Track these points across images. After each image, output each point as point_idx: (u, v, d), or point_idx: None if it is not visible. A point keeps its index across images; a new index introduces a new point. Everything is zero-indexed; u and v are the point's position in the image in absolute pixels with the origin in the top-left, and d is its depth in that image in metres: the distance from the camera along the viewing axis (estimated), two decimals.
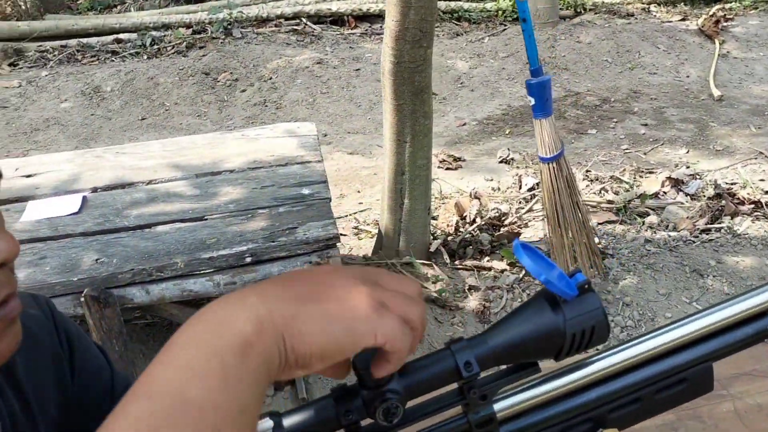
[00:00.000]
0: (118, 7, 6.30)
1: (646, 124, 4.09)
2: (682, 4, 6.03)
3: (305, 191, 1.83)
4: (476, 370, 0.53)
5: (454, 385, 0.56)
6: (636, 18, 5.78)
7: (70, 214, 1.84)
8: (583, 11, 5.91)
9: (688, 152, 3.64)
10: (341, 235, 2.88)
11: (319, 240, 1.62)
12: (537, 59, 2.03)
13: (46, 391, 0.71)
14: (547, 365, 0.61)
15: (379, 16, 5.69)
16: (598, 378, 0.60)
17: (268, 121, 4.08)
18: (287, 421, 0.51)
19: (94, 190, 1.96)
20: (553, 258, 2.19)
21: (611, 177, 3.03)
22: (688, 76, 4.77)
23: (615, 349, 0.59)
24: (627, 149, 3.75)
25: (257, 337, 0.41)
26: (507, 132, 4.08)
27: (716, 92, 4.34)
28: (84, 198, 1.91)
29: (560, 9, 5.81)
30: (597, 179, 3.15)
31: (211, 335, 0.41)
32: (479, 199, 2.59)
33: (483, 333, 0.56)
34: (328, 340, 0.43)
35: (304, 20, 5.65)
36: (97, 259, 1.60)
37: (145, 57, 5.10)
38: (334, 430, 0.53)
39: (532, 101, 2.05)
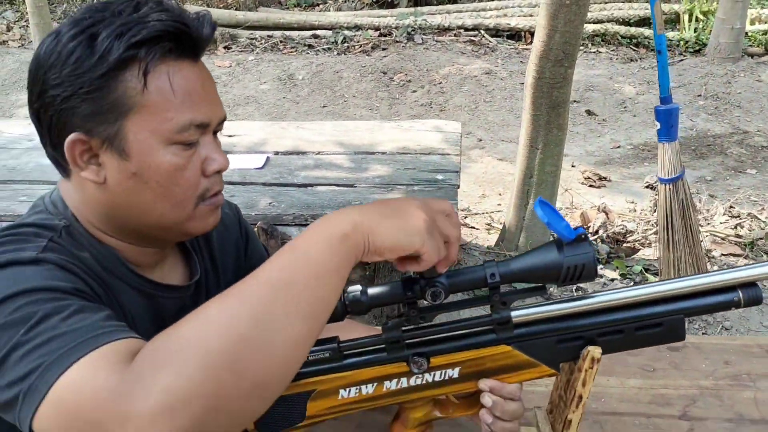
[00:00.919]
0: (320, 6, 7.03)
1: None
2: None
3: (439, 177, 2.18)
4: (497, 280, 0.81)
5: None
6: None
7: (256, 168, 2.34)
8: None
9: None
10: (474, 228, 3.19)
11: None
12: (668, 89, 2.18)
13: (228, 264, 1.10)
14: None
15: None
16: (593, 309, 0.82)
17: None
18: (370, 291, 0.85)
19: (276, 153, 2.46)
20: (660, 274, 2.33)
21: (749, 214, 3.03)
22: None
23: (610, 291, 0.83)
24: None
25: (352, 232, 0.73)
26: None
27: None
28: (268, 158, 2.41)
29: (749, 45, 5.61)
30: (738, 216, 3.16)
31: (326, 227, 0.74)
32: (607, 213, 2.76)
33: (509, 259, 0.86)
34: (394, 241, 0.74)
35: (482, 32, 5.98)
36: (270, 203, 2.08)
37: (335, 53, 5.73)
38: (399, 302, 0.84)
39: (659, 125, 2.20)
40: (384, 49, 5.62)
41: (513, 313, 0.83)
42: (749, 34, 5.73)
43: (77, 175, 0.85)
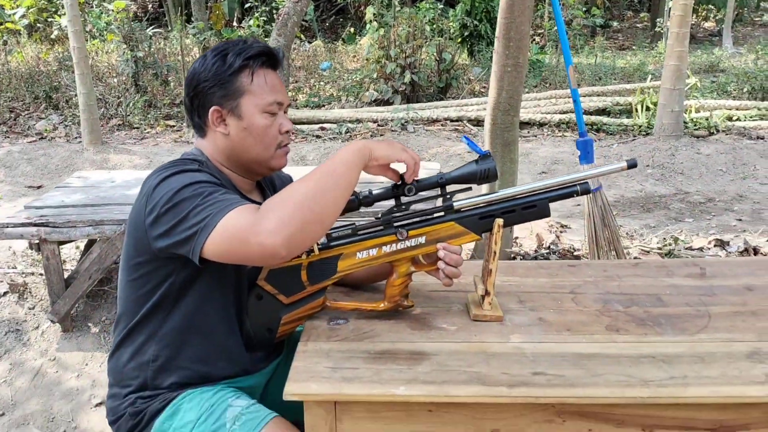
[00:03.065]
0: (326, 106, 8.09)
1: (740, 220, 4.68)
2: None
3: None
4: (444, 180, 1.57)
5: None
6: (765, 141, 6.35)
7: None
8: (716, 131, 6.60)
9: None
10: None
11: None
12: (583, 126, 2.97)
13: None
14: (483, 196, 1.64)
15: (527, 123, 6.85)
16: (498, 199, 1.50)
17: None
18: (374, 191, 1.50)
19: None
20: None
21: (672, 236, 3.79)
22: None
23: (506, 189, 1.54)
24: (714, 233, 4.39)
25: (363, 148, 1.40)
26: (615, 213, 4.89)
27: None
28: None
29: (695, 129, 6.55)
30: (666, 239, 3.90)
31: (349, 147, 1.45)
32: (557, 236, 3.51)
33: (449, 171, 1.62)
34: (385, 153, 1.37)
35: (465, 122, 6.96)
36: None
37: (340, 141, 6.66)
38: (391, 198, 1.47)
39: (579, 153, 2.99)
40: (381, 134, 6.57)
41: (454, 203, 1.48)
42: (694, 120, 6.69)
43: (212, 131, 1.49)
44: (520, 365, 1.44)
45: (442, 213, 1.52)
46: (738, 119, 6.83)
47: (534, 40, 10.38)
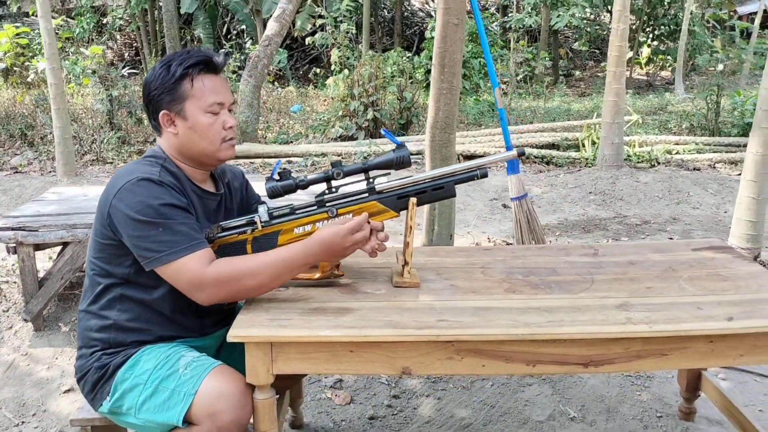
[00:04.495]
0: (293, 142, 8.46)
1: (671, 238, 5.07)
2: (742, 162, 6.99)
3: None
4: (368, 166, 1.92)
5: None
6: (700, 171, 6.83)
7: None
8: (657, 164, 7.08)
9: None
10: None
11: None
12: (510, 141, 3.35)
13: (236, 194, 2.13)
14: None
15: (482, 156, 7.27)
16: (412, 182, 1.91)
17: None
18: (309, 177, 1.94)
19: None
20: None
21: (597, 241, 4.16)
22: (726, 212, 5.67)
23: (420, 174, 1.88)
24: None
25: (317, 257, 1.68)
26: (557, 234, 5.27)
27: None
28: None
29: (638, 162, 7.02)
30: None
31: (307, 252, 1.68)
32: (494, 243, 3.86)
33: (372, 158, 1.97)
34: (332, 260, 1.75)
35: (423, 155, 7.35)
36: None
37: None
38: (324, 181, 1.91)
39: (506, 165, 3.35)
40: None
41: (376, 186, 1.80)
42: (637, 153, 7.17)
43: (165, 132, 1.72)
44: (428, 315, 1.75)
45: (366, 194, 1.79)
46: (677, 153, 7.34)
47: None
